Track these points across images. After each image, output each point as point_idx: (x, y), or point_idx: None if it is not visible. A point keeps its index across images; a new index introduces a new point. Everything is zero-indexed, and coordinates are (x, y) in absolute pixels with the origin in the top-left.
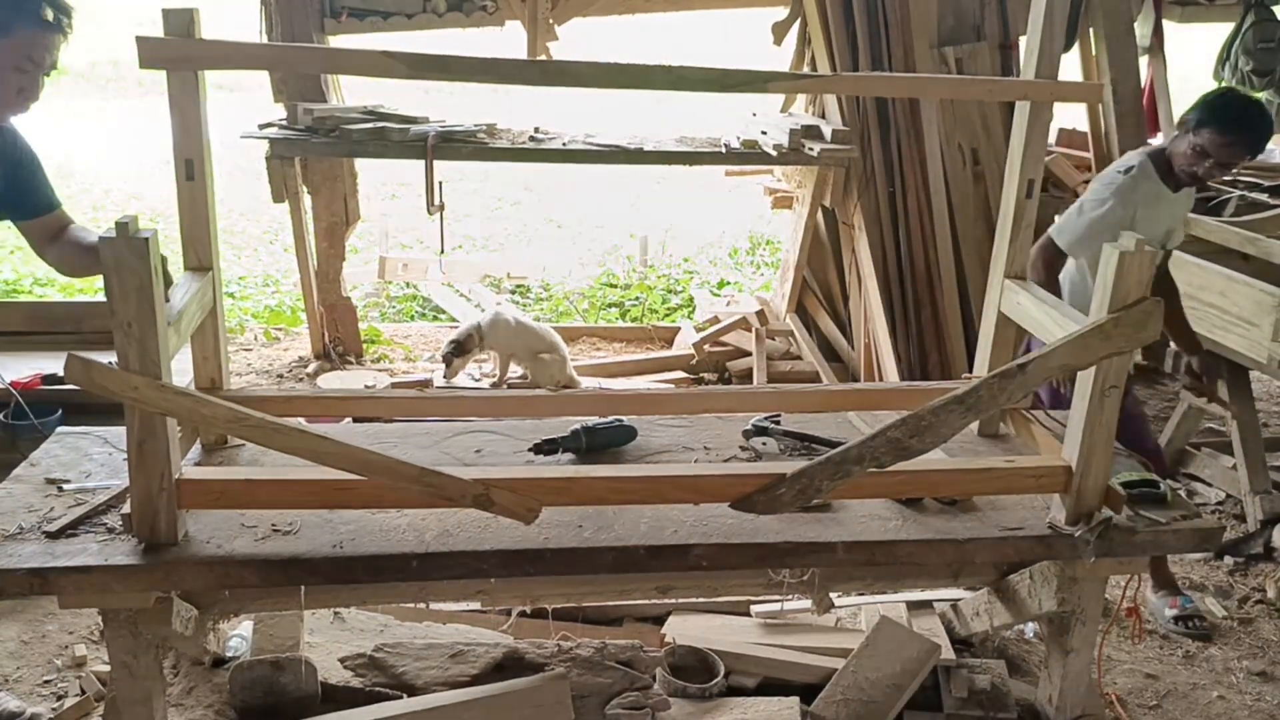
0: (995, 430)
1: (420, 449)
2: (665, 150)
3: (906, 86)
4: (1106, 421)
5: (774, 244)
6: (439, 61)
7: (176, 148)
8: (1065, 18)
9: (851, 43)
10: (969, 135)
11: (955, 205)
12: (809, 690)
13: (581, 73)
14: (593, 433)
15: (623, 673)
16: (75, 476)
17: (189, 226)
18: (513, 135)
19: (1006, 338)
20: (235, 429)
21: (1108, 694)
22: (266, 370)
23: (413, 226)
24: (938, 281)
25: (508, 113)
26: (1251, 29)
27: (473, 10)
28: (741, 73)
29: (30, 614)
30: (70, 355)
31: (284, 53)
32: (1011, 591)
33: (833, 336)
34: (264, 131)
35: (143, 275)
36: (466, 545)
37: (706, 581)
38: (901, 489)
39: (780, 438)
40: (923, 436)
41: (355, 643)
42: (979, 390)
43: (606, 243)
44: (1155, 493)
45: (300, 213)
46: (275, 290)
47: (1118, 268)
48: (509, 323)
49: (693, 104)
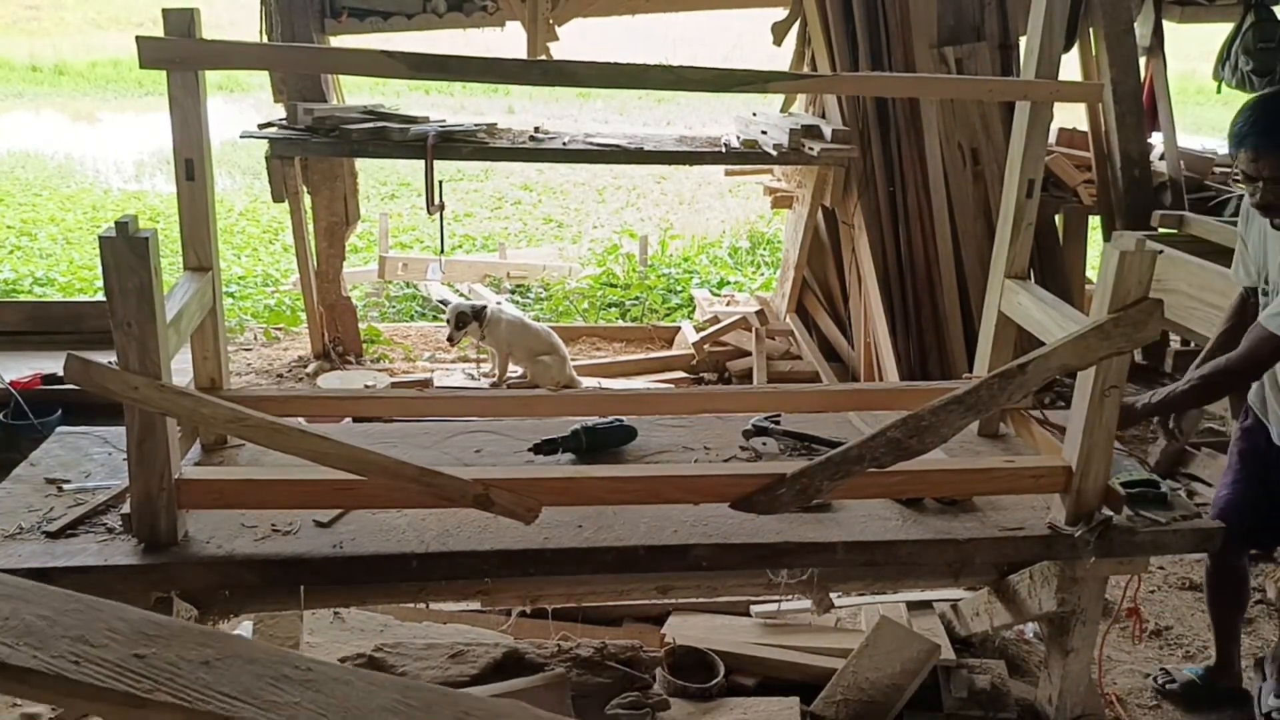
0: (995, 430)
1: (420, 449)
2: (665, 150)
3: (906, 86)
4: (1106, 421)
5: (774, 244)
6: (439, 61)
7: (176, 148)
8: (1065, 18)
9: (851, 43)
10: (969, 135)
11: (955, 205)
12: (809, 690)
13: (581, 73)
14: (593, 433)
15: (623, 673)
16: (75, 476)
17: (189, 226)
18: (513, 135)
19: (1006, 338)
20: (235, 429)
21: (1108, 694)
22: (266, 370)
23: (413, 226)
24: (938, 281)
25: (507, 113)
26: (1251, 29)
27: (473, 10)
28: (741, 73)
29: None
30: (70, 355)
31: (284, 53)
32: (1011, 591)
33: (833, 336)
34: (264, 131)
35: (143, 275)
36: (466, 545)
37: (706, 581)
38: (901, 489)
39: (780, 438)
40: (923, 436)
41: (355, 643)
42: (979, 390)
43: (606, 243)
44: (1155, 493)
45: (300, 213)
46: (275, 290)
47: (1118, 268)
48: (507, 320)
49: (693, 104)
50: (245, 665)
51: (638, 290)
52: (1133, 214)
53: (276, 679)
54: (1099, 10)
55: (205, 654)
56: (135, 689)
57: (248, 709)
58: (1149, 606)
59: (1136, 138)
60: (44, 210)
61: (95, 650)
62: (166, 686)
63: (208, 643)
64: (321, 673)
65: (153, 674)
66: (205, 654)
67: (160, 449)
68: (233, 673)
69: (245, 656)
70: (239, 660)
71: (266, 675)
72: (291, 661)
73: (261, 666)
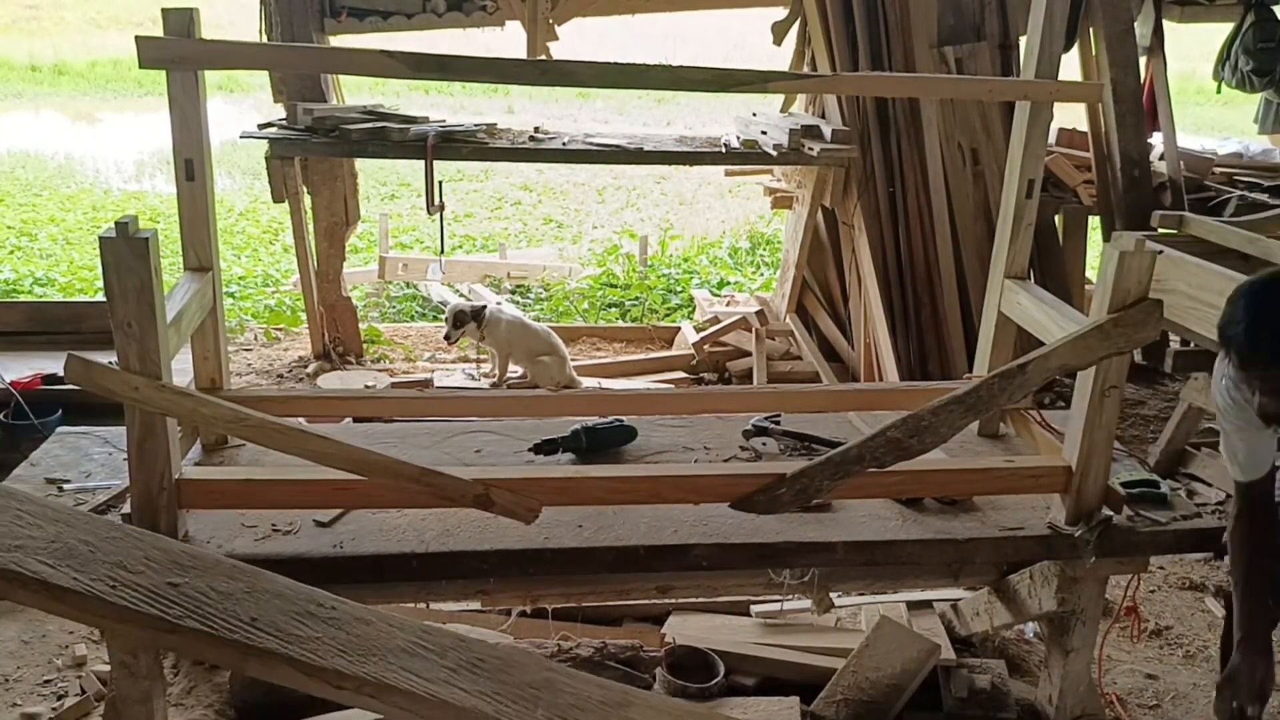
0: (995, 430)
1: (420, 449)
2: (665, 150)
3: (906, 86)
4: (1106, 421)
5: (774, 244)
6: (439, 61)
7: (176, 148)
8: (1065, 18)
9: (851, 43)
10: (969, 135)
11: (955, 205)
12: (809, 690)
13: (581, 73)
14: (593, 433)
15: (623, 673)
16: (75, 476)
17: (189, 226)
18: (513, 135)
19: (1006, 338)
20: (236, 429)
21: (1108, 694)
22: (266, 370)
23: (413, 227)
24: (938, 281)
25: (507, 113)
26: (1251, 29)
27: (472, 10)
28: (741, 73)
29: (30, 614)
30: (70, 355)
31: (284, 53)
32: (1011, 591)
33: (833, 336)
34: (264, 131)
35: (143, 275)
36: (466, 545)
37: (706, 581)
38: (901, 489)
39: (780, 438)
40: (923, 436)
41: None
42: (979, 390)
43: (606, 243)
44: (1155, 493)
45: (300, 213)
46: (275, 290)
47: (1118, 268)
48: (506, 320)
49: (693, 104)
50: (273, 599)
51: (638, 290)
52: (1132, 214)
53: (301, 614)
54: (1099, 10)
55: (235, 586)
56: (166, 614)
57: (271, 640)
58: (1149, 606)
59: (1136, 138)
60: (44, 210)
61: (132, 576)
62: (196, 615)
63: (238, 576)
64: (345, 611)
65: (184, 601)
66: (235, 586)
67: (160, 449)
68: (260, 605)
69: (273, 591)
70: (267, 595)
71: (292, 610)
72: (317, 599)
73: (287, 602)
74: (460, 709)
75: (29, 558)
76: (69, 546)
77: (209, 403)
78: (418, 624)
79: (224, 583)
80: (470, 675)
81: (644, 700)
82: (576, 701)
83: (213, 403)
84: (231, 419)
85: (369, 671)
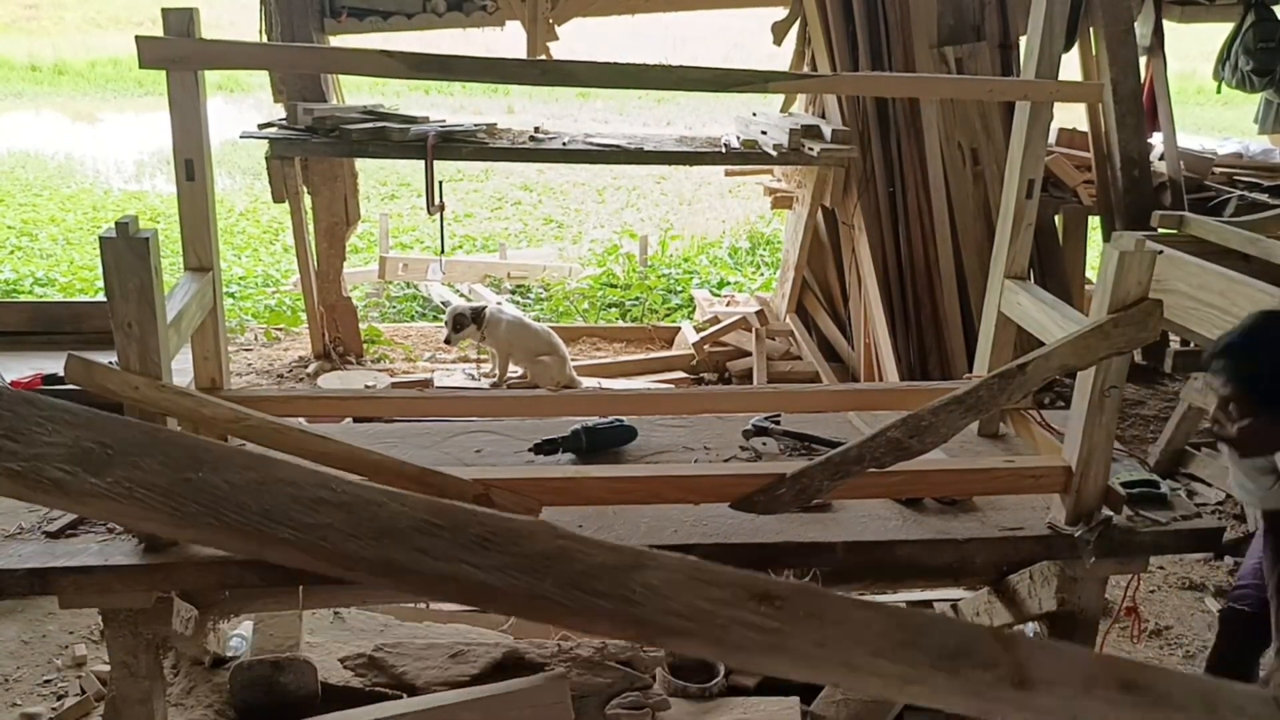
0: (995, 430)
1: (420, 449)
2: (665, 150)
3: (906, 86)
4: (1106, 422)
5: (774, 244)
6: (439, 61)
7: (176, 148)
8: (1065, 18)
9: (851, 43)
10: (969, 135)
11: (955, 205)
12: (809, 690)
13: (581, 73)
14: (593, 433)
15: (623, 673)
16: None
17: (189, 226)
18: (513, 135)
19: (1006, 338)
20: (236, 429)
21: None
22: (266, 370)
23: (413, 227)
24: (938, 281)
25: (507, 113)
26: (1251, 29)
27: (473, 10)
28: (741, 73)
29: (30, 614)
30: (70, 355)
31: (284, 53)
32: (1011, 591)
33: (833, 336)
34: (264, 131)
35: (143, 275)
36: None
37: None
38: (901, 489)
39: (780, 438)
40: (923, 436)
41: (355, 643)
42: (979, 390)
43: (606, 243)
44: (1155, 493)
45: (300, 213)
46: (276, 290)
47: (1118, 268)
48: (507, 320)
49: (693, 104)
50: (286, 488)
51: (638, 291)
52: (1132, 214)
53: (314, 501)
54: (1099, 10)
55: (249, 477)
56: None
57: (285, 530)
58: (1149, 606)
59: (1136, 138)
60: (44, 210)
61: (147, 475)
62: (210, 510)
63: (252, 465)
64: (355, 494)
65: (198, 497)
66: (249, 477)
67: None
68: (273, 496)
69: (286, 479)
70: (281, 484)
71: (305, 498)
72: (329, 484)
73: (299, 489)
74: (467, 584)
75: (48, 465)
76: (85, 450)
77: (209, 403)
78: (433, 502)
79: (239, 475)
80: (482, 551)
81: (657, 561)
82: (588, 570)
83: (213, 403)
84: (232, 419)
85: (377, 554)
